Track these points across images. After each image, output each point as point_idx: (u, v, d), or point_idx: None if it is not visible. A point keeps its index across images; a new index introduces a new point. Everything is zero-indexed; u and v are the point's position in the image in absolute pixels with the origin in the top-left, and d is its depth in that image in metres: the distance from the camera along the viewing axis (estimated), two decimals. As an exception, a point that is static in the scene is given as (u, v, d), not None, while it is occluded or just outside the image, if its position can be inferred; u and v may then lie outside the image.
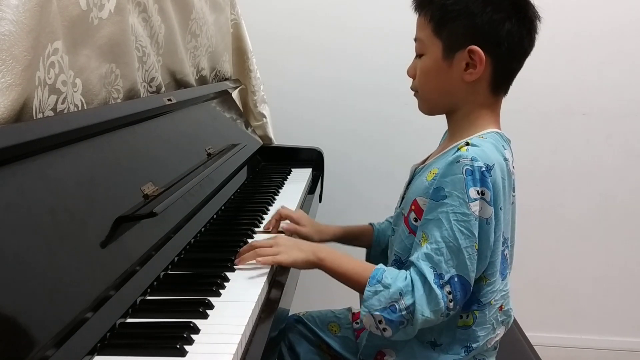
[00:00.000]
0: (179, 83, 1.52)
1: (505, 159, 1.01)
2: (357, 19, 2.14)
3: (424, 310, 0.95)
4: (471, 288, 0.99)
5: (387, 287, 0.97)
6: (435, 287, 0.95)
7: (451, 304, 0.96)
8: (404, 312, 0.96)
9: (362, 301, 1.00)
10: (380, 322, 0.98)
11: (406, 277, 0.97)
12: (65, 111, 0.92)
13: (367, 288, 0.98)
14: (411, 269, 0.98)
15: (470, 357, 1.06)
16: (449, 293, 0.96)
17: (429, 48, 1.06)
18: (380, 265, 1.02)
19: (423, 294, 0.95)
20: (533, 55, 1.08)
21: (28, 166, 0.77)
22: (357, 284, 1.02)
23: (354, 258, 1.06)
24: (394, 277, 0.98)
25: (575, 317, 2.27)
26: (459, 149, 0.99)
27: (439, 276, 0.96)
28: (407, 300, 0.95)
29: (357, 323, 1.26)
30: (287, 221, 1.28)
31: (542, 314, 2.24)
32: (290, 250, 1.05)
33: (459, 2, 1.02)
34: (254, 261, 1.04)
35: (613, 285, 2.24)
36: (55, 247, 0.76)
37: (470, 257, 0.96)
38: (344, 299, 1.25)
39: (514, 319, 1.15)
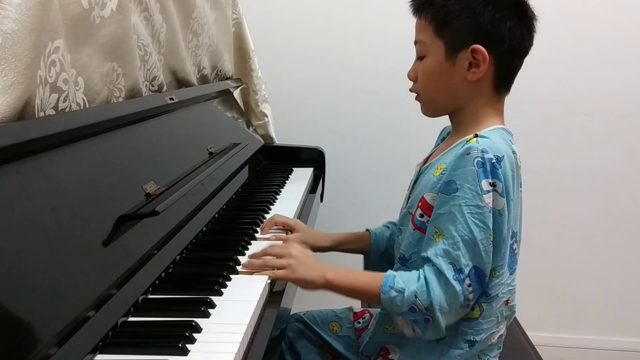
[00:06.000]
0: (181, 82, 1.52)
1: (514, 152, 1.01)
2: (357, 21, 2.14)
3: (442, 308, 0.95)
4: (486, 279, 0.99)
5: (401, 292, 0.96)
6: (454, 282, 0.95)
7: (471, 295, 0.97)
8: (424, 312, 0.96)
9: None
10: (407, 322, 0.99)
11: (419, 278, 0.97)
12: (67, 110, 0.92)
13: (382, 297, 0.98)
14: (425, 266, 0.98)
15: (474, 352, 1.06)
16: (469, 285, 0.96)
17: (430, 49, 1.06)
18: (389, 272, 1.01)
19: (440, 292, 0.95)
20: (536, 56, 1.09)
21: (30, 165, 0.77)
22: (371, 296, 1.01)
23: (361, 271, 1.05)
24: (406, 280, 0.97)
25: (576, 317, 2.27)
26: (468, 141, 0.99)
27: (459, 271, 0.96)
28: (423, 301, 0.95)
29: (358, 322, 1.26)
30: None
31: (543, 314, 2.24)
32: (300, 267, 1.02)
33: (460, 2, 1.02)
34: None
35: (614, 285, 2.23)
36: (57, 246, 0.76)
37: (485, 249, 0.96)
38: (345, 298, 1.25)
39: (515, 319, 1.15)
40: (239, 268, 1.05)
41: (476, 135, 0.99)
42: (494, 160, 0.96)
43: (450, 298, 0.95)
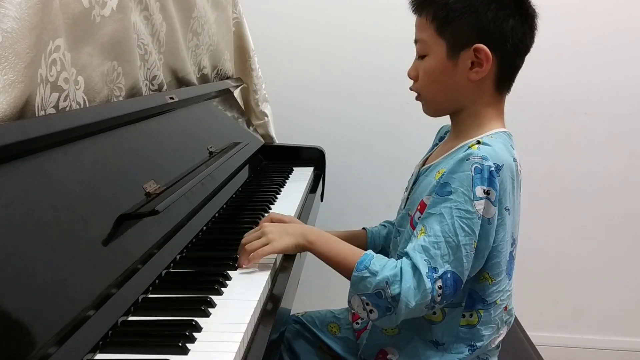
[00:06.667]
0: (181, 81, 1.52)
1: (515, 160, 1.01)
2: (357, 20, 2.14)
3: (409, 302, 0.94)
4: (462, 286, 0.98)
5: (374, 274, 0.95)
6: (426, 279, 0.94)
7: (439, 297, 0.95)
8: (389, 300, 0.95)
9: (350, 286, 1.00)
10: (367, 304, 0.97)
11: (395, 266, 0.96)
12: (67, 109, 0.92)
13: (354, 273, 0.97)
14: (403, 259, 0.97)
15: (474, 356, 1.06)
16: (440, 287, 0.95)
17: (432, 48, 1.05)
18: (369, 251, 1.00)
19: (411, 286, 0.94)
20: (536, 55, 1.08)
21: (30, 164, 0.77)
22: (345, 269, 1.01)
23: (343, 242, 1.05)
24: (382, 265, 0.96)
25: (576, 317, 2.27)
26: (469, 147, 0.98)
27: (433, 270, 0.95)
28: (393, 290, 0.94)
29: (357, 323, 1.25)
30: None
31: (544, 314, 2.23)
32: (280, 236, 1.04)
33: (462, 0, 1.01)
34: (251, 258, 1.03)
35: (614, 285, 2.23)
36: (57, 245, 0.76)
37: (467, 254, 0.95)
38: (343, 299, 1.25)
39: (515, 318, 1.15)
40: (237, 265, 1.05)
41: (478, 142, 0.99)
42: (492, 169, 0.95)
43: (418, 294, 0.94)
